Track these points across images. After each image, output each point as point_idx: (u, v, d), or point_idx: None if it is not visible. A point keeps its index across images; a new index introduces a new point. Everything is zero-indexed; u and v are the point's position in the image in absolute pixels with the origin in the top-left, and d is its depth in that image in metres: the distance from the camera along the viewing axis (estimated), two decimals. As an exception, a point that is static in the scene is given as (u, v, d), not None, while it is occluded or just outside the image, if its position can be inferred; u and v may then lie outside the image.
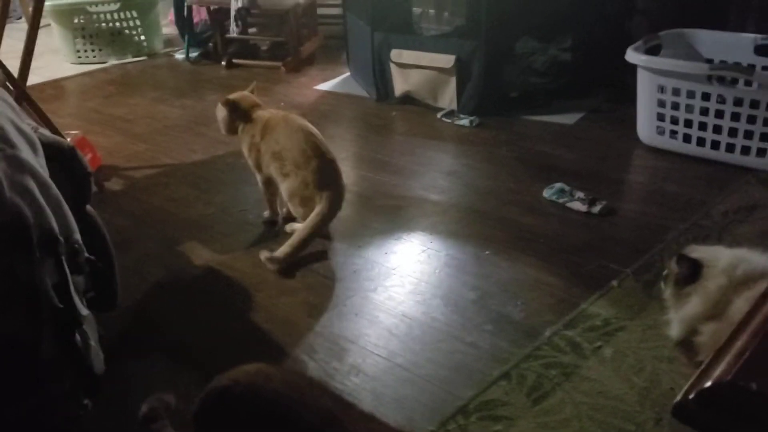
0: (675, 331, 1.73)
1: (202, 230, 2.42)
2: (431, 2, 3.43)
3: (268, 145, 2.29)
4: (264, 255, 2.16)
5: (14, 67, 2.64)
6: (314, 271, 2.15)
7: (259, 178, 2.39)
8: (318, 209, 2.21)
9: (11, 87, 2.56)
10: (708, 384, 0.84)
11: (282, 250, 2.16)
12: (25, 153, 1.37)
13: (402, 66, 3.46)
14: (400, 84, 3.52)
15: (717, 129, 2.63)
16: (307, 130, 2.29)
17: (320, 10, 4.75)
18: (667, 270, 1.81)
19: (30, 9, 2.98)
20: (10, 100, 1.55)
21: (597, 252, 2.16)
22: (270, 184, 2.36)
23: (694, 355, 1.66)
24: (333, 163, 2.29)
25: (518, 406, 1.57)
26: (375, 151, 3.04)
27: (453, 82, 3.32)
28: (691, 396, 0.85)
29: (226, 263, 2.21)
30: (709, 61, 2.87)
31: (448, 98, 3.39)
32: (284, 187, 2.28)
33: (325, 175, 2.24)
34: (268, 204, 2.42)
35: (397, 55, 3.45)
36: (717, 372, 0.85)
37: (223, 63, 4.42)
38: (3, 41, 2.77)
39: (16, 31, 4.21)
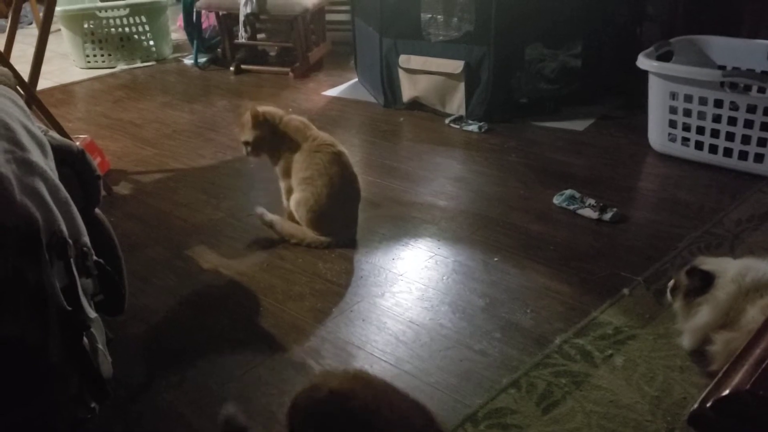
0: (687, 341, 1.71)
1: (210, 235, 2.42)
2: (440, 8, 3.42)
3: (312, 162, 2.28)
4: (262, 211, 2.32)
5: (25, 72, 2.64)
6: (321, 277, 2.14)
7: (283, 185, 2.39)
8: (329, 239, 2.30)
9: (21, 91, 2.56)
10: (726, 392, 0.83)
11: (280, 224, 2.33)
12: (35, 156, 1.37)
13: (410, 72, 3.45)
14: (408, 90, 3.51)
15: (730, 136, 2.61)
16: (352, 169, 2.35)
17: (329, 16, 4.76)
18: (674, 281, 1.79)
19: (41, 14, 2.99)
20: (21, 102, 1.54)
21: (608, 260, 2.14)
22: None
23: (707, 365, 1.64)
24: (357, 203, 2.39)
25: (528, 414, 1.55)
26: (383, 156, 3.03)
27: (461, 87, 3.31)
28: (708, 404, 0.83)
29: (234, 268, 2.20)
30: (722, 67, 2.86)
31: (456, 104, 3.38)
32: (303, 198, 2.29)
33: (349, 214, 2.36)
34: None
35: (406, 60, 3.44)
36: (735, 381, 0.84)
37: (232, 69, 4.43)
38: (14, 46, 2.78)
39: (27, 37, 4.24)
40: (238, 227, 2.46)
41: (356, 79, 4.12)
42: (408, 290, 2.05)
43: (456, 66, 3.28)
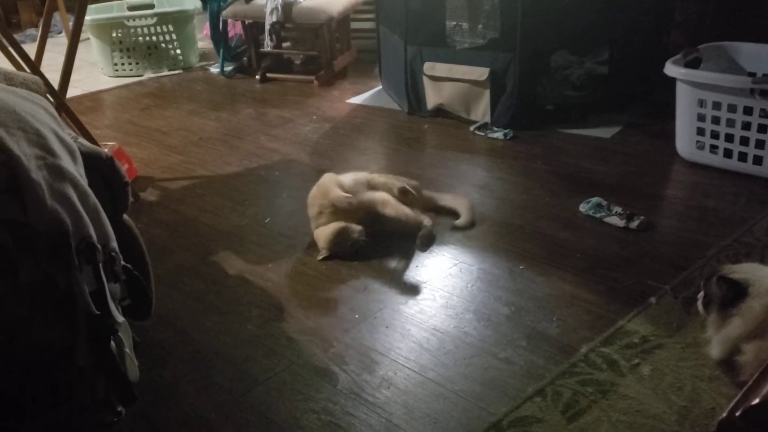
0: (716, 351, 1.68)
1: (235, 241, 2.43)
2: (465, 15, 3.41)
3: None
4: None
5: (55, 80, 2.69)
6: (345, 284, 2.14)
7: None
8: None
9: (52, 99, 2.61)
10: (755, 402, 0.81)
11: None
12: (66, 162, 1.39)
13: (435, 79, 3.45)
14: (433, 97, 3.51)
15: (759, 144, 2.57)
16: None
17: (353, 24, 4.78)
18: (704, 292, 1.76)
19: (70, 24, 3.04)
20: (52, 110, 1.57)
21: (635, 268, 2.12)
22: None
23: (736, 375, 1.61)
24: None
25: (553, 423, 1.54)
26: (407, 164, 3.04)
27: (487, 94, 3.31)
28: (737, 413, 0.82)
29: (260, 274, 2.21)
30: (752, 74, 2.81)
31: (481, 111, 3.37)
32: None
33: None
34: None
35: (430, 68, 3.44)
36: (765, 390, 0.83)
37: (257, 77, 4.47)
38: (44, 54, 2.84)
39: (57, 45, 4.32)
40: (262, 234, 2.48)
41: (380, 87, 4.13)
42: (432, 298, 2.04)
43: (481, 73, 3.28)
